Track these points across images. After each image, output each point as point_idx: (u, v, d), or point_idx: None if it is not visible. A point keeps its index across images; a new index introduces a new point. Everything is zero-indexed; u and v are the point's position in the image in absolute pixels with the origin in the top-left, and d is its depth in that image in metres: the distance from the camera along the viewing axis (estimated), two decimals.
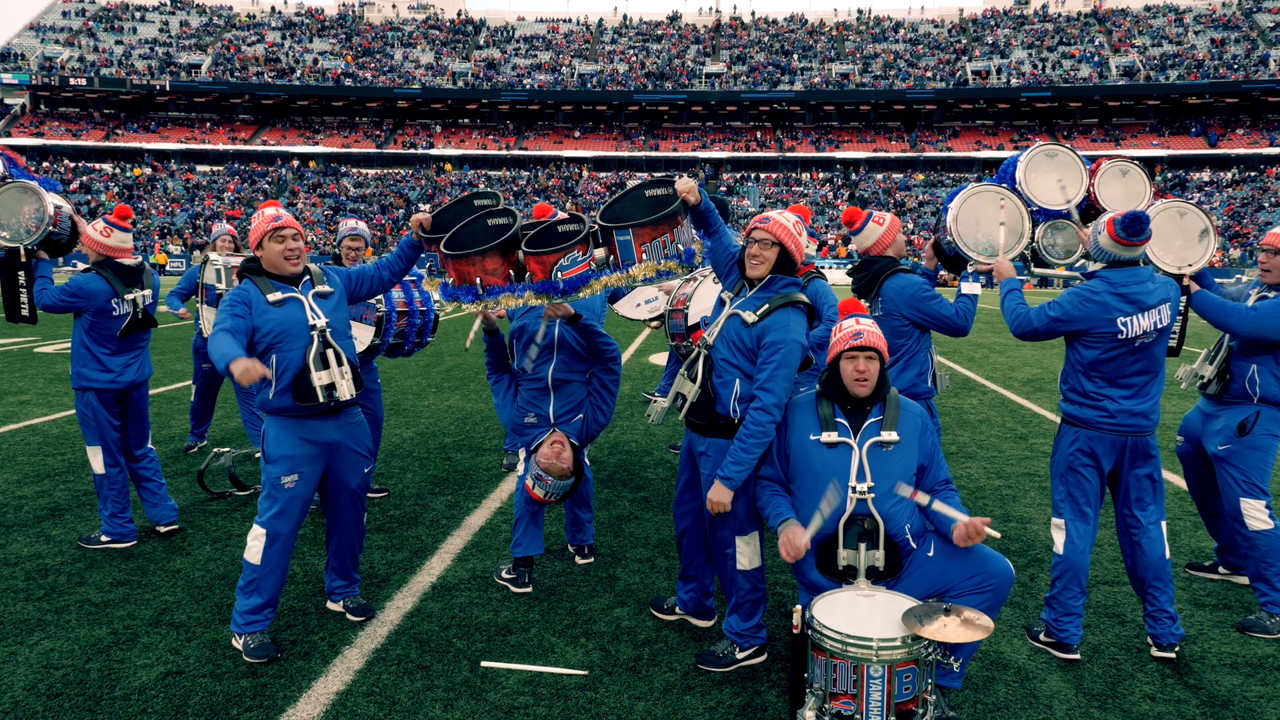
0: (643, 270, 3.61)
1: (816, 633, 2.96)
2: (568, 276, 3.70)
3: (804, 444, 3.43)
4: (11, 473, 6.74)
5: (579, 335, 4.48)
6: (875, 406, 3.43)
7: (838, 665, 2.90)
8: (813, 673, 3.00)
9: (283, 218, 3.88)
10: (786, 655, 3.85)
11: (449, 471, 6.92)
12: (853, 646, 2.87)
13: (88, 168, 62.12)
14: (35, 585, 4.54)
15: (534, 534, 4.57)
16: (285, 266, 3.83)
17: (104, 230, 5.10)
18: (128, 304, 5.12)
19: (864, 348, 3.33)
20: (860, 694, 2.87)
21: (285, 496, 3.82)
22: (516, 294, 3.83)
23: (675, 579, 4.69)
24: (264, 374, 3.41)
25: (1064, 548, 3.93)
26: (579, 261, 3.68)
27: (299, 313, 3.81)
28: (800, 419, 3.48)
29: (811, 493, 3.36)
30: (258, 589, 3.83)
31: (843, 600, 3.15)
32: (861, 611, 3.06)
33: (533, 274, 3.84)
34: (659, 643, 3.95)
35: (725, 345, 3.65)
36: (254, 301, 3.77)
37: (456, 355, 14.32)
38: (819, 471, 3.36)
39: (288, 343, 3.76)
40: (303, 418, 3.85)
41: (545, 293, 3.79)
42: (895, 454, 3.35)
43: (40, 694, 3.47)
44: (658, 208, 3.67)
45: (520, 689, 3.53)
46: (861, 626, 2.93)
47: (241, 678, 3.60)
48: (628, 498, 6.21)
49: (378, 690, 3.51)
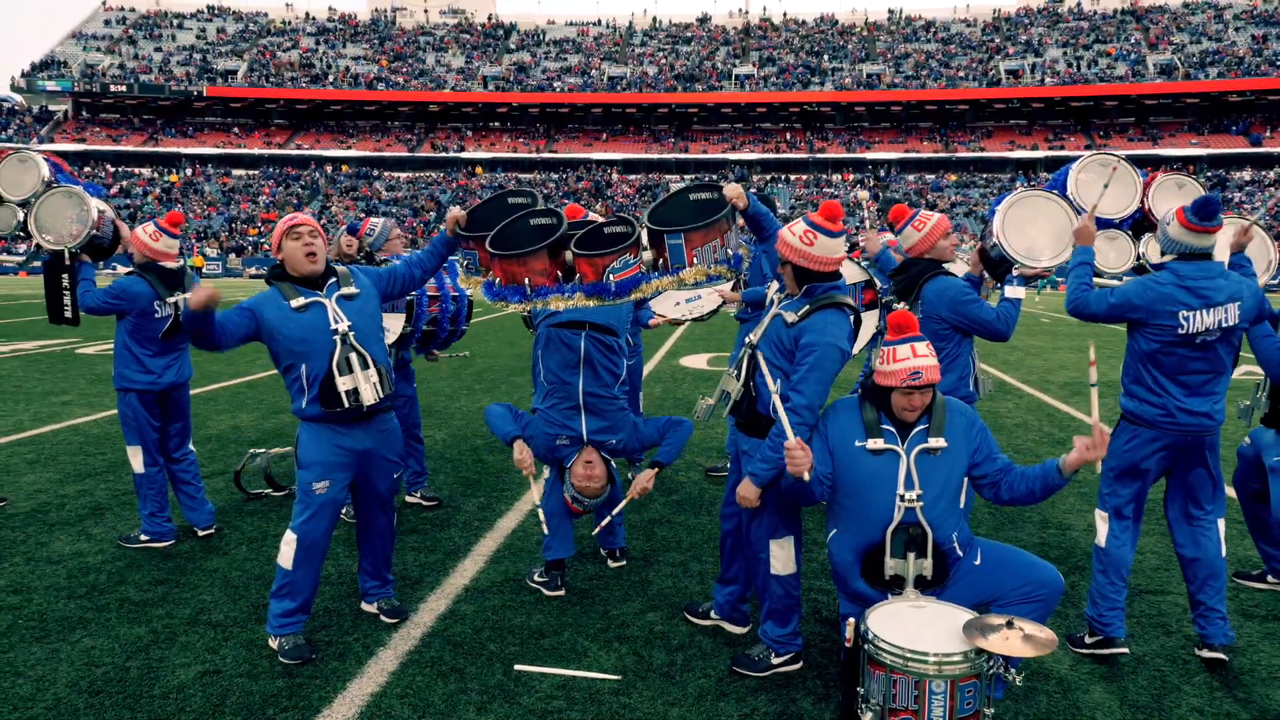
0: (693, 274, 3.59)
1: (874, 646, 2.89)
2: (620, 279, 3.67)
3: (848, 450, 3.36)
4: (54, 472, 6.86)
5: (606, 350, 4.44)
6: (922, 416, 3.37)
7: (897, 680, 2.83)
8: (868, 688, 2.93)
9: (298, 218, 3.91)
10: (823, 663, 3.80)
11: (481, 473, 6.94)
12: (914, 661, 2.80)
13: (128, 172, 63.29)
14: (77, 583, 4.61)
15: (564, 537, 4.56)
16: (304, 265, 3.85)
17: (153, 234, 5.17)
18: (169, 307, 5.19)
19: (921, 387, 3.22)
20: (922, 710, 2.81)
21: (317, 502, 3.84)
22: (566, 295, 3.79)
23: (709, 583, 4.66)
24: (213, 295, 3.44)
25: (1106, 540, 3.88)
26: (630, 264, 3.65)
27: (321, 318, 3.83)
28: (844, 423, 3.41)
29: (857, 502, 3.32)
30: (290, 593, 3.85)
31: (895, 612, 3.09)
32: (916, 623, 3.00)
33: (583, 275, 3.80)
34: (692, 648, 3.93)
35: (767, 345, 3.63)
36: (277, 308, 3.80)
37: (489, 357, 14.40)
38: (864, 480, 3.30)
39: (313, 350, 3.78)
40: (334, 424, 3.86)
41: (596, 295, 3.75)
42: (943, 460, 3.30)
43: (82, 691, 3.51)
44: (707, 212, 3.64)
45: (554, 693, 3.52)
46: (920, 640, 2.86)
47: (277, 678, 3.63)
48: (660, 500, 6.19)
49: (412, 692, 3.51)
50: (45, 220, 5.16)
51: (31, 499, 6.12)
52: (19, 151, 5.48)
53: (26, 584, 4.61)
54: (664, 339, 16.88)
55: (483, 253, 3.97)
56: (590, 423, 4.43)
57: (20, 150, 5.50)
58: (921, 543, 3.22)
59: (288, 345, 3.78)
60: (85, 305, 5.07)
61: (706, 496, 6.29)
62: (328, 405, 3.76)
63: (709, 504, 6.11)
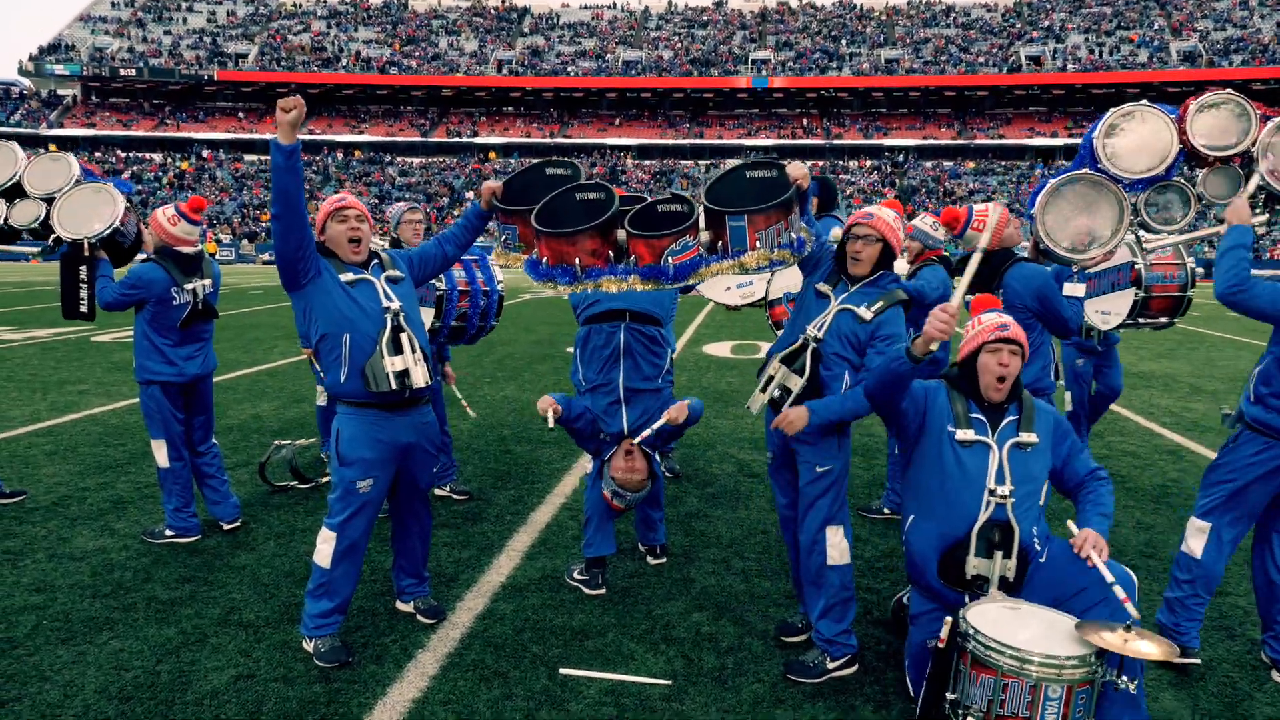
0: (755, 258, 3.39)
1: (982, 647, 2.72)
2: (678, 262, 3.47)
3: (941, 434, 3.20)
4: (74, 464, 6.74)
5: (647, 341, 4.28)
6: (1011, 406, 3.21)
7: (1009, 685, 2.66)
8: (966, 692, 2.76)
9: (347, 199, 3.75)
10: (880, 667, 3.64)
11: (510, 465, 6.79)
12: (1036, 665, 2.63)
13: (138, 158, 63.27)
14: (102, 581, 4.48)
15: (606, 533, 4.41)
16: (348, 252, 3.69)
17: (172, 218, 5.02)
18: (187, 294, 5.04)
19: (1010, 340, 3.09)
20: (1034, 717, 2.65)
21: (359, 501, 3.68)
22: (620, 277, 3.56)
23: (754, 581, 4.50)
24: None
25: (1203, 554, 3.65)
26: (689, 246, 3.45)
27: (371, 295, 3.67)
28: (941, 403, 3.25)
29: (943, 493, 3.15)
30: (327, 593, 3.71)
31: (993, 613, 2.91)
32: (1020, 625, 2.82)
33: (638, 257, 3.57)
34: (743, 650, 3.77)
35: (837, 339, 3.49)
36: (327, 279, 3.63)
37: (508, 344, 14.23)
38: (951, 470, 3.15)
39: (360, 326, 3.61)
40: (377, 409, 3.70)
41: (653, 278, 3.52)
42: (1034, 456, 3.14)
43: (111, 697, 3.38)
44: (771, 192, 3.44)
45: (602, 699, 3.36)
46: (1036, 642, 2.69)
47: (314, 683, 3.49)
48: (695, 494, 6.03)
49: (455, 698, 3.37)
50: (67, 214, 5.04)
51: (52, 492, 6.00)
52: (54, 152, 5.38)
53: (50, 582, 4.48)
54: (686, 325, 16.70)
55: (524, 228, 3.74)
56: (631, 415, 4.27)
57: (57, 152, 5.41)
58: (1008, 541, 3.04)
59: (334, 313, 3.60)
60: (103, 301, 4.91)
61: (742, 490, 6.13)
62: (370, 386, 3.60)
63: (745, 497, 5.94)
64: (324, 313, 3.62)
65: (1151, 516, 5.65)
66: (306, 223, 3.53)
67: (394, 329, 3.66)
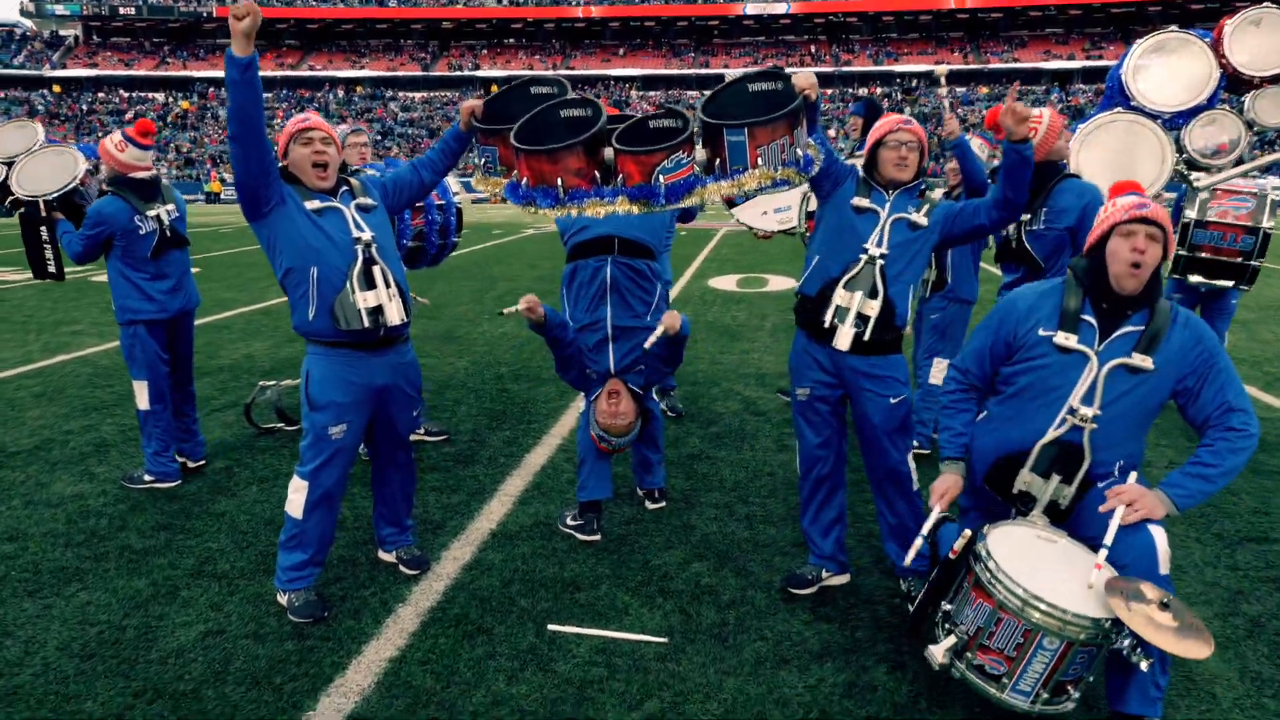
0: (756, 178, 3.05)
1: (990, 574, 2.50)
2: (670, 181, 3.12)
3: (1031, 335, 2.83)
4: (60, 406, 6.53)
5: (635, 276, 3.96)
6: (1138, 314, 2.74)
7: (1003, 620, 2.45)
8: (960, 610, 2.56)
9: (311, 120, 3.41)
10: (895, 623, 3.40)
11: (506, 404, 6.53)
12: (1038, 612, 2.40)
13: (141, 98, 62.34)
14: (75, 529, 4.27)
15: (600, 476, 4.15)
16: (313, 177, 3.36)
17: (119, 144, 4.70)
18: (151, 220, 4.77)
19: (1148, 221, 2.65)
20: (1020, 659, 2.44)
21: (331, 448, 3.42)
22: (606, 199, 3.21)
23: (758, 527, 4.25)
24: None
25: None
26: (683, 164, 3.10)
27: (340, 224, 3.35)
28: (1035, 304, 2.88)
29: (1020, 398, 2.84)
30: (300, 544, 3.47)
31: (1021, 538, 2.66)
32: (1044, 561, 2.57)
33: (627, 176, 3.19)
34: (745, 605, 3.53)
35: (899, 252, 3.29)
36: (291, 207, 3.31)
37: (512, 280, 13.90)
38: (1037, 376, 2.80)
39: (328, 258, 3.30)
40: (349, 349, 3.41)
41: (643, 199, 3.17)
42: (1144, 384, 2.70)
43: (73, 654, 3.18)
44: (775, 104, 3.07)
45: (593, 658, 3.14)
46: (1052, 589, 2.45)
47: (286, 639, 3.27)
48: (698, 434, 5.76)
49: (434, 657, 3.15)
50: (28, 177, 4.86)
51: (35, 435, 5.79)
52: (21, 119, 5.24)
53: (23, 530, 4.28)
54: (691, 258, 16.30)
55: (504, 149, 3.39)
56: (619, 354, 3.97)
57: (24, 120, 5.28)
58: (1072, 466, 2.73)
59: (298, 244, 3.28)
60: (73, 253, 4.70)
61: (748, 429, 5.86)
62: (340, 325, 3.31)
63: (751, 437, 5.68)
64: (288, 244, 3.31)
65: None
66: (266, 144, 3.20)
67: (365, 261, 3.35)
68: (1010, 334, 2.89)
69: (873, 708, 2.87)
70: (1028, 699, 2.50)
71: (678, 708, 2.86)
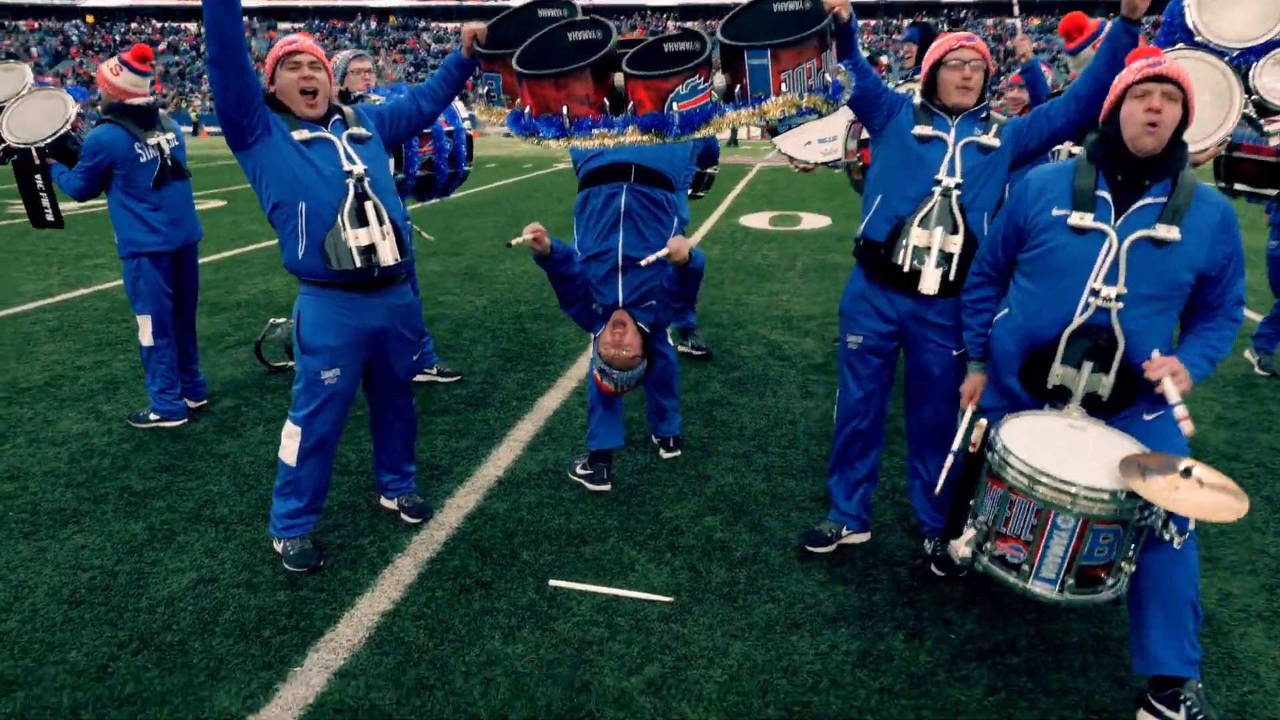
0: (779, 105, 2.76)
1: (998, 457, 2.38)
2: (685, 109, 2.84)
3: (1044, 217, 2.61)
4: (75, 341, 6.47)
5: (651, 206, 3.69)
6: (1160, 183, 2.49)
7: (1015, 503, 2.33)
8: (980, 502, 2.45)
9: (298, 42, 3.16)
10: (915, 587, 3.21)
11: (523, 344, 6.36)
12: (1043, 486, 2.28)
13: (174, 28, 61.98)
14: (78, 469, 4.20)
15: (611, 423, 3.97)
16: (301, 105, 3.13)
17: (114, 68, 4.51)
18: (152, 149, 4.60)
19: (1163, 79, 2.39)
20: (1036, 543, 2.31)
21: (324, 393, 3.26)
22: (615, 130, 2.93)
23: (776, 479, 4.06)
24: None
25: None
26: (699, 90, 2.81)
27: (330, 156, 3.14)
28: (1048, 184, 2.65)
29: (1038, 286, 2.63)
30: (295, 491, 3.34)
31: (1044, 426, 2.51)
32: (1066, 445, 2.42)
33: (638, 103, 2.91)
34: (758, 562, 3.35)
35: (972, 179, 3.00)
36: (277, 137, 3.09)
37: (539, 215, 13.61)
38: (1053, 260, 2.58)
39: (317, 192, 3.08)
40: (342, 290, 3.23)
41: (655, 129, 2.89)
42: (1172, 256, 2.46)
43: (62, 600, 3.09)
44: (802, 24, 2.78)
45: (594, 617, 2.99)
46: (1062, 464, 2.30)
47: (279, 589, 3.16)
48: (719, 379, 5.55)
49: (429, 612, 3.02)
50: (18, 123, 4.65)
51: (46, 371, 5.73)
52: (7, 62, 5.02)
53: (25, 469, 4.21)
54: (722, 195, 15.88)
55: (508, 75, 3.13)
56: (629, 287, 3.71)
57: (12, 63, 5.04)
58: (1107, 354, 2.50)
59: (284, 177, 3.06)
60: (72, 189, 4.52)
61: (771, 374, 5.63)
62: (331, 265, 3.12)
63: (774, 383, 5.46)
64: (275, 177, 3.10)
65: (1235, 411, 5.05)
66: (248, 68, 2.97)
67: (357, 197, 3.14)
68: (1022, 217, 2.68)
69: (887, 678, 2.69)
70: (1053, 586, 2.36)
71: (679, 673, 2.70)
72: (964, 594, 3.14)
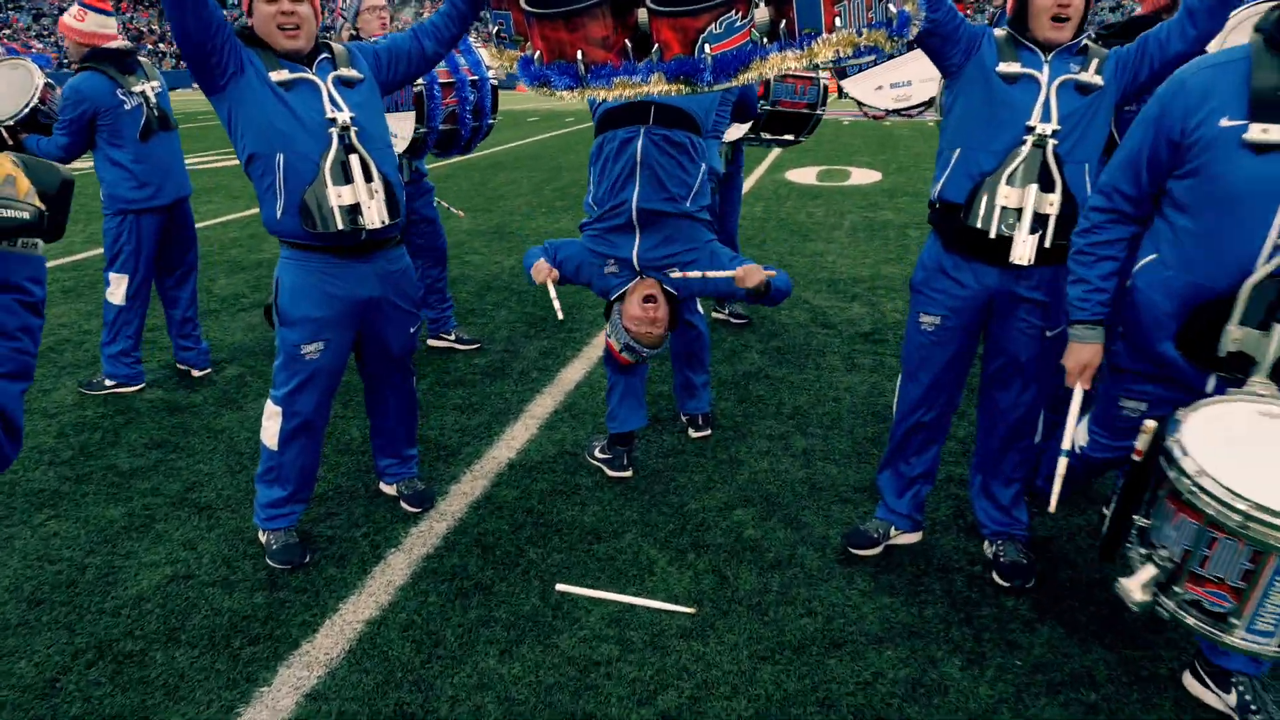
0: (834, 44, 2.29)
1: (1191, 483, 1.82)
2: (719, 51, 2.36)
3: (1211, 131, 2.03)
4: (86, 303, 6.23)
5: (673, 151, 3.22)
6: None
7: (1218, 541, 1.79)
8: (1159, 529, 1.93)
9: None
10: (976, 599, 2.79)
11: (548, 309, 5.95)
12: (1260, 525, 1.73)
13: None
14: (65, 445, 3.93)
15: (633, 404, 3.58)
16: (280, 39, 2.73)
17: (78, 14, 4.17)
18: (136, 96, 4.27)
19: None
20: (1251, 590, 1.78)
21: (307, 370, 2.90)
22: (637, 79, 2.48)
23: (816, 465, 3.65)
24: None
25: None
26: (736, 28, 2.35)
27: (313, 101, 2.74)
28: (1210, 89, 2.06)
29: (1206, 222, 2.09)
30: (278, 478, 3.01)
31: (1230, 421, 1.95)
32: (1267, 448, 1.88)
33: (665, 45, 2.45)
34: (793, 566, 2.96)
35: (1072, 125, 2.48)
36: (251, 77, 2.69)
37: (574, 170, 13.16)
38: (1230, 188, 2.02)
39: (296, 143, 2.70)
40: (326, 254, 2.85)
41: (684, 77, 2.42)
42: None
43: (22, 599, 2.81)
44: None
45: (604, 631, 2.62)
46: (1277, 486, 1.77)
47: (257, 590, 2.85)
48: (756, 348, 5.12)
49: (419, 621, 2.68)
50: None
51: (52, 335, 5.49)
52: None
53: None
54: (770, 147, 15.22)
55: (517, 13, 2.69)
56: (645, 244, 3.24)
57: None
58: None
59: (262, 124, 2.69)
60: (55, 148, 4.19)
61: (814, 344, 5.18)
62: (312, 225, 2.75)
63: (817, 354, 5.01)
64: (250, 124, 2.72)
65: None
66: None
67: (343, 148, 2.75)
68: (1177, 129, 2.10)
69: (941, 715, 2.29)
70: (1271, 640, 1.84)
71: (697, 704, 2.33)
72: (1031, 609, 2.72)
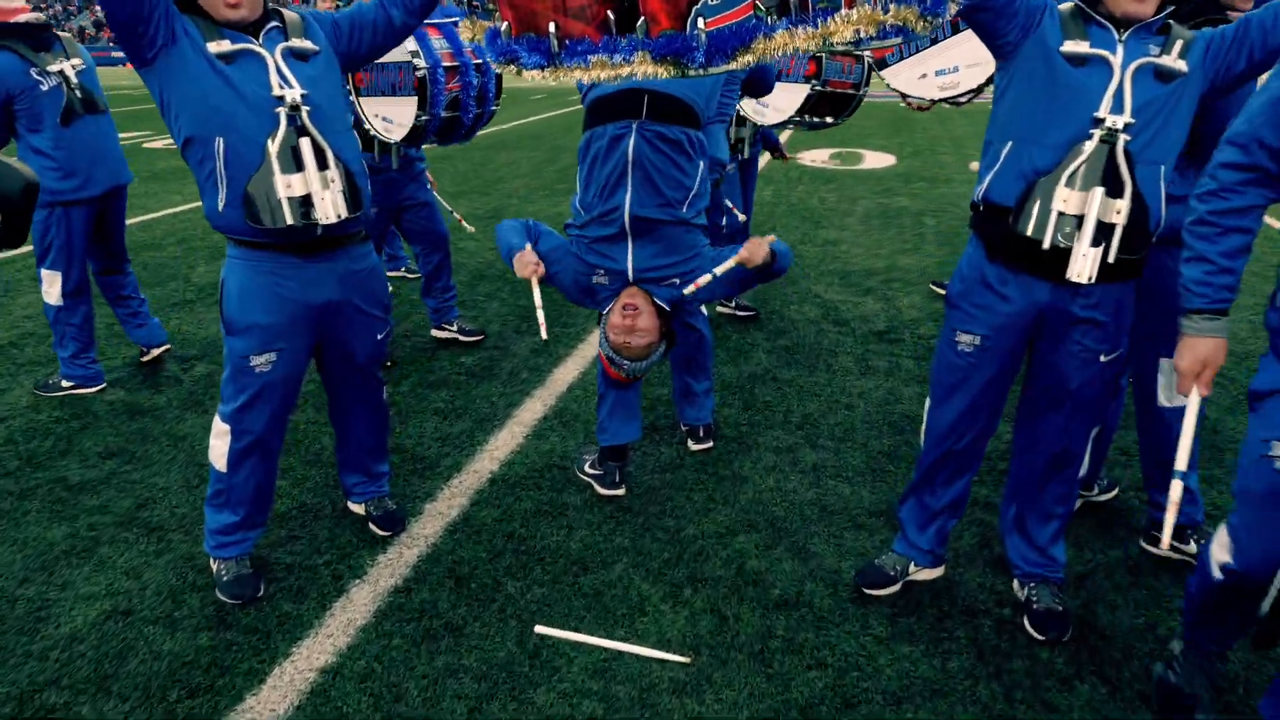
0: (855, 22, 1.90)
1: None
2: (714, 28, 1.98)
3: None
4: None
5: (668, 150, 2.89)
6: None
7: None
8: None
9: None
10: (1006, 650, 2.48)
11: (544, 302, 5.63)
12: None
13: None
14: (12, 453, 3.63)
15: (624, 416, 3.27)
16: (219, 6, 2.38)
17: None
18: (54, 76, 3.90)
19: None
20: None
21: (256, 383, 2.59)
22: (619, 58, 2.11)
23: (827, 482, 3.33)
24: None
25: None
26: (736, 1, 1.99)
27: (258, 75, 2.41)
28: None
29: None
30: (228, 502, 2.71)
31: None
32: None
33: (651, 18, 2.08)
34: (800, 605, 2.65)
35: (1149, 119, 2.12)
36: (186, 49, 2.35)
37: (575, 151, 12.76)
38: None
39: (238, 124, 2.37)
40: (276, 252, 2.53)
41: (672, 57, 2.03)
42: None
43: None
44: None
45: (585, 685, 2.32)
46: None
47: (202, 629, 2.55)
48: (764, 346, 4.79)
49: (379, 670, 2.38)
50: None
51: (15, 328, 5.19)
52: None
53: None
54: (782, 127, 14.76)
55: None
56: (641, 254, 2.95)
57: None
58: None
59: (198, 103, 2.36)
60: None
61: (825, 343, 4.85)
62: (257, 219, 2.42)
63: (828, 354, 4.68)
64: (184, 103, 2.38)
65: None
66: None
67: (293, 130, 2.42)
68: None
69: None
70: None
71: None
72: (1067, 663, 2.41)
